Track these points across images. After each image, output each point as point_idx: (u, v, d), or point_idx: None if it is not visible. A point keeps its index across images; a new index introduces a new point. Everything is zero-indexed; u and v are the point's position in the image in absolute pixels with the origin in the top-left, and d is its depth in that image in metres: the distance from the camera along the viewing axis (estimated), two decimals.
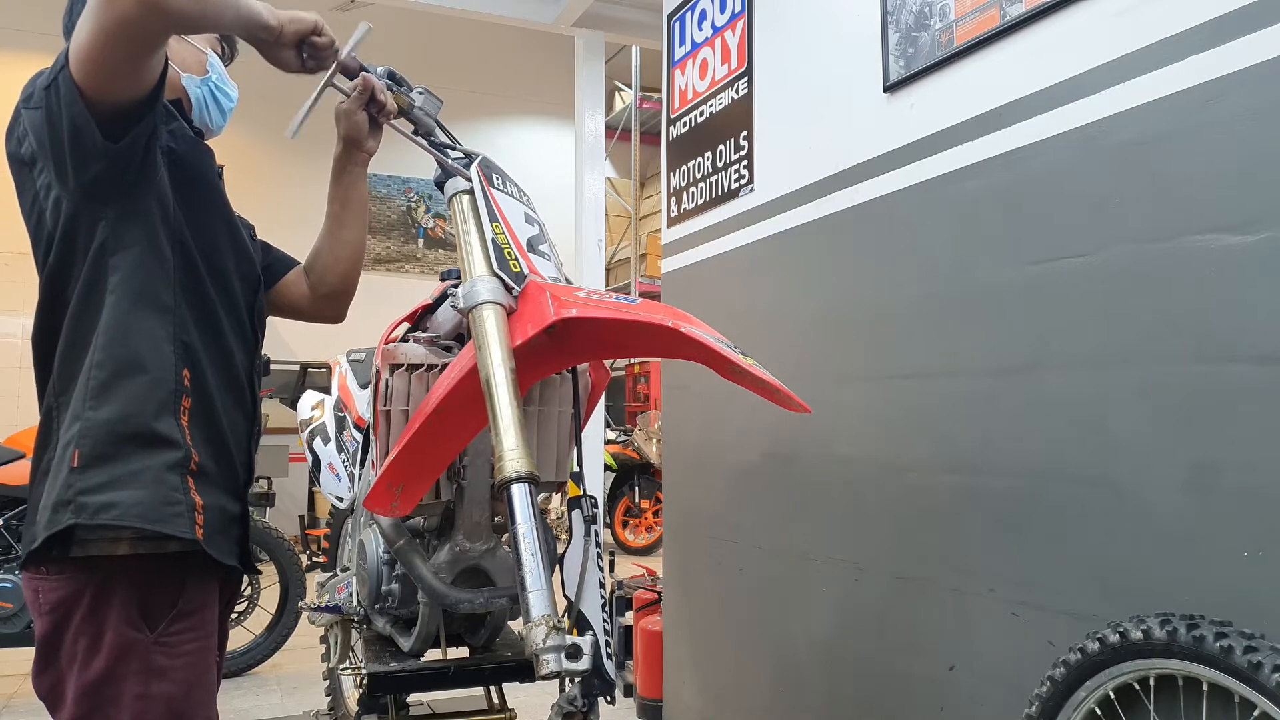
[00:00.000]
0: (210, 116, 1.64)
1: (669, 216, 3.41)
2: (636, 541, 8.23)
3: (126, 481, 1.33)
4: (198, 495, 1.39)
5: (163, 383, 1.39)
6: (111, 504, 1.31)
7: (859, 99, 2.42)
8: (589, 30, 5.17)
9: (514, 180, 1.83)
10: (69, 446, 1.34)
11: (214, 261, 1.52)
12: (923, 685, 2.14)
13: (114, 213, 1.39)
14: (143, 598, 1.35)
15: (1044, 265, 1.88)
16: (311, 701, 3.84)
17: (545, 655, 1.27)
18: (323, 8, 2.06)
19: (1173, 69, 1.64)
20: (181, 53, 1.59)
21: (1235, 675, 1.35)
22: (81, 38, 1.28)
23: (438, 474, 1.82)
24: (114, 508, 1.31)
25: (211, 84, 1.63)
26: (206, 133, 1.66)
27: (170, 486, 1.36)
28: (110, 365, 1.36)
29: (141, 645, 1.34)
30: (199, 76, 1.62)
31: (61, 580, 1.34)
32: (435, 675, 2.08)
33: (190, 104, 1.62)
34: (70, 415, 1.36)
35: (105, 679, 1.32)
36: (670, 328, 1.49)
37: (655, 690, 3.49)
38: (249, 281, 1.63)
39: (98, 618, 1.33)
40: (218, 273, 1.53)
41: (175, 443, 1.38)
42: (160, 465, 1.36)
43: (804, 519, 2.59)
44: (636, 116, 9.11)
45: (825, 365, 2.52)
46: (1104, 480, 1.74)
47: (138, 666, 1.33)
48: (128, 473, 1.34)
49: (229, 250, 1.57)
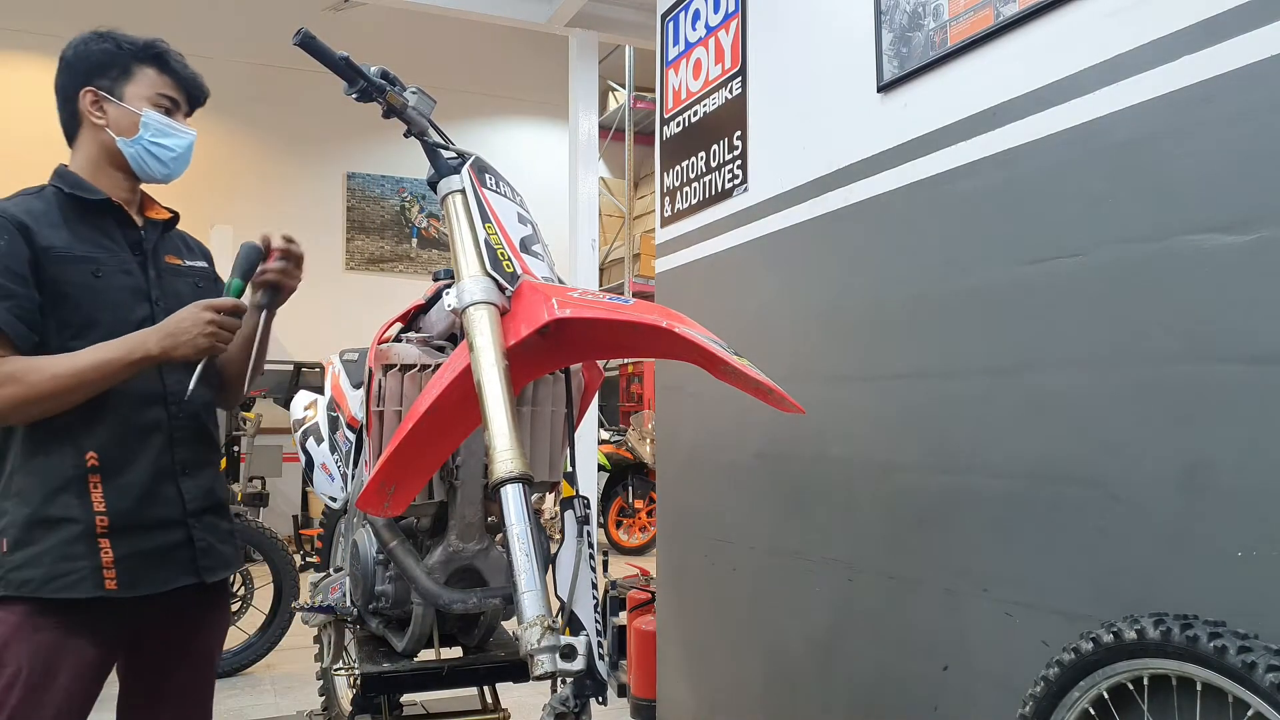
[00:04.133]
0: (149, 168, 1.78)
1: (663, 216, 3.41)
2: (630, 541, 8.23)
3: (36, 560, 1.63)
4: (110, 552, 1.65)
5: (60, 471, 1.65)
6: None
7: (853, 99, 2.42)
8: (582, 30, 5.16)
9: (507, 180, 1.82)
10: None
11: (76, 338, 1.66)
12: (916, 685, 2.14)
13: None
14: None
15: (1037, 265, 1.88)
16: (305, 701, 3.83)
17: (540, 656, 1.27)
18: (316, 8, 2.08)
19: (1166, 69, 1.64)
20: (114, 116, 1.75)
21: (1229, 675, 1.35)
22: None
23: (430, 474, 1.82)
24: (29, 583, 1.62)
25: (144, 142, 1.76)
26: (152, 181, 1.81)
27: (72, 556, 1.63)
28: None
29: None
30: (130, 137, 1.75)
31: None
32: (429, 675, 2.08)
33: (128, 161, 1.77)
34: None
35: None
36: (664, 328, 1.49)
37: (649, 690, 3.49)
38: (120, 305, 1.72)
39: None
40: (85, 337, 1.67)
41: (74, 519, 1.64)
42: (60, 540, 1.62)
43: (797, 519, 2.59)
44: (630, 116, 9.10)
45: (819, 365, 2.52)
46: (1098, 480, 1.74)
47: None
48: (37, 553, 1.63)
49: (91, 309, 1.69)
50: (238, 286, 1.66)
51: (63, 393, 1.57)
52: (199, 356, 1.62)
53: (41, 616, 1.61)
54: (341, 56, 1.74)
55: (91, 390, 1.60)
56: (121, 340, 1.60)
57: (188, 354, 1.61)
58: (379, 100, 1.77)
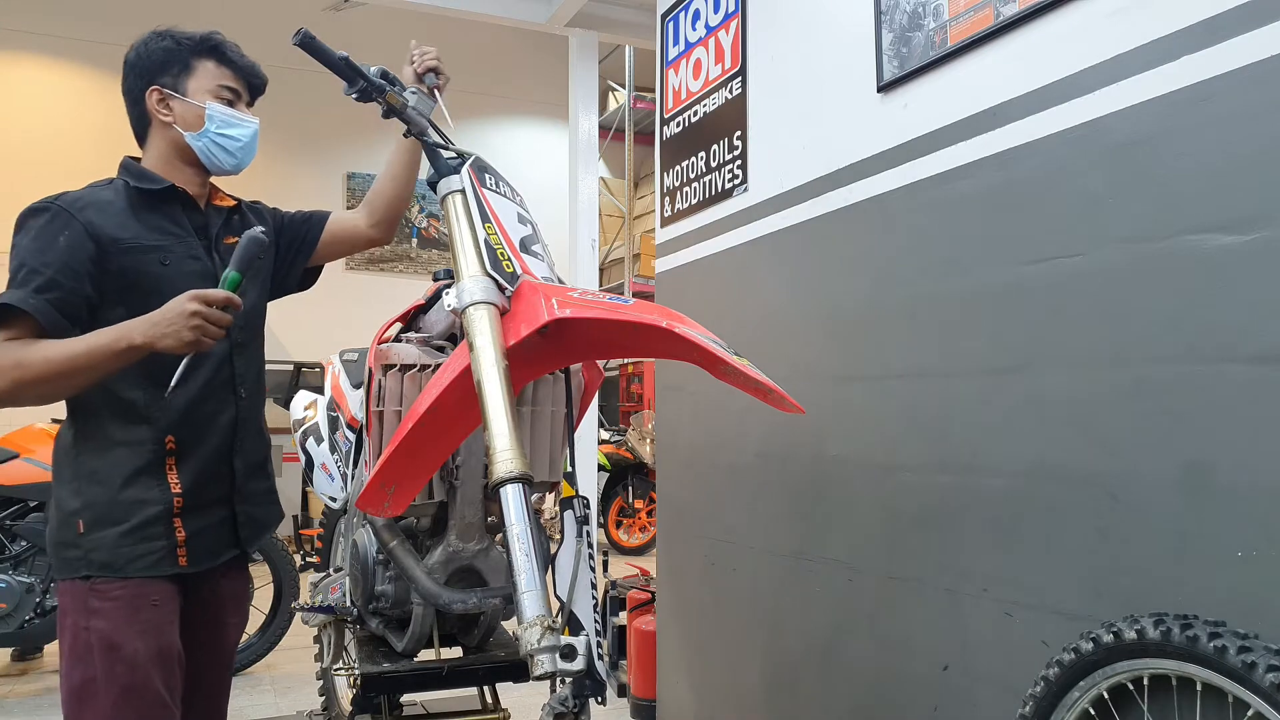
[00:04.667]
0: (218, 160, 1.81)
1: (663, 216, 3.41)
2: (630, 541, 8.22)
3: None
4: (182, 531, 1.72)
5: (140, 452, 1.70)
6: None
7: (853, 99, 2.42)
8: (582, 30, 5.15)
9: (507, 180, 1.83)
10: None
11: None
12: (916, 685, 2.14)
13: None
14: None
15: (1037, 265, 1.88)
16: (305, 702, 3.83)
17: (540, 656, 1.27)
18: (316, 8, 2.07)
19: (1166, 69, 1.64)
20: (181, 112, 1.78)
21: (1229, 675, 1.35)
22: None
23: (430, 474, 1.82)
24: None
25: (210, 135, 1.79)
26: (222, 172, 1.85)
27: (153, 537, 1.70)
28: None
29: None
30: (197, 131, 1.78)
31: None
32: (429, 675, 2.08)
33: (197, 155, 1.80)
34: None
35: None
36: (664, 328, 1.49)
37: (649, 690, 3.49)
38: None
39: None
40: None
41: (153, 500, 1.70)
42: (141, 521, 1.68)
43: (797, 519, 2.59)
44: (630, 116, 9.09)
45: (818, 365, 2.52)
46: (1098, 480, 1.74)
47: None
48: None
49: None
50: (234, 279, 1.64)
51: (55, 377, 1.56)
52: (183, 351, 1.58)
53: (122, 594, 1.65)
54: (341, 56, 1.74)
55: (84, 377, 1.58)
56: (111, 329, 1.59)
57: (171, 346, 1.57)
58: (379, 100, 1.77)
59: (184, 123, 1.78)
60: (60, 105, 8.35)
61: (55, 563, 1.70)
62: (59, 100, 8.36)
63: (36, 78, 8.31)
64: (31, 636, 4.04)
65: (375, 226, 2.11)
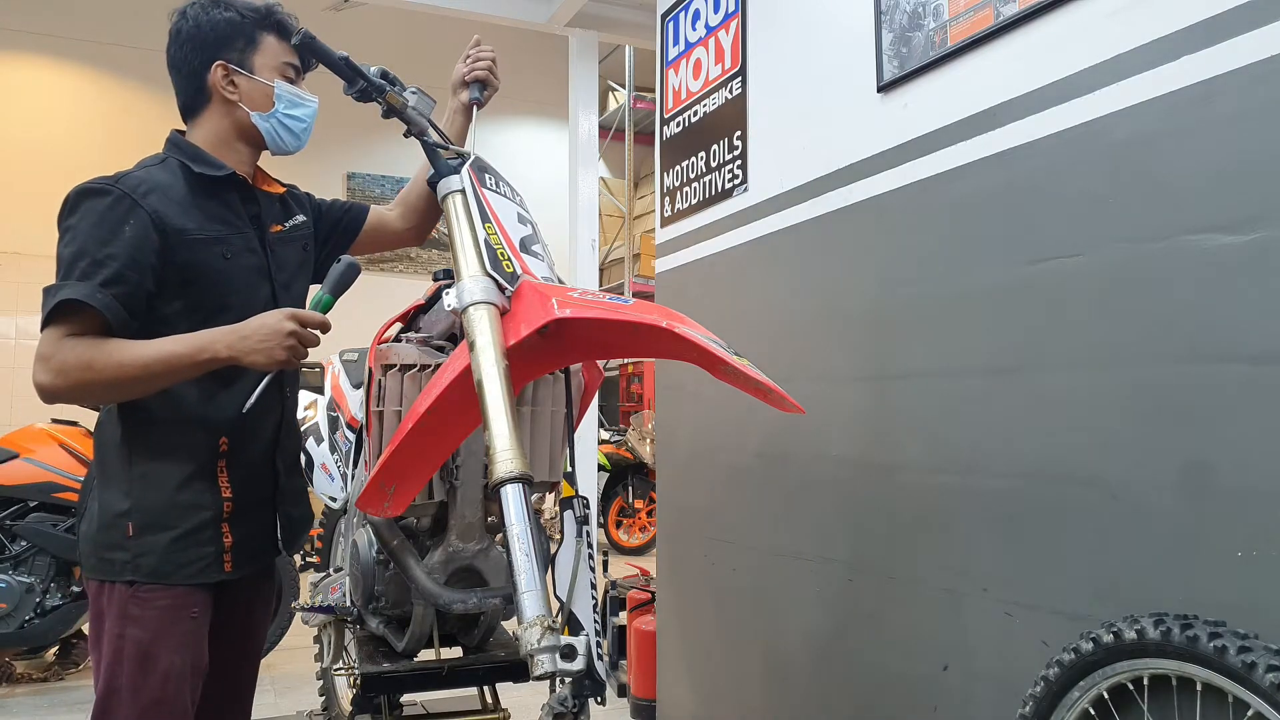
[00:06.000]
0: (283, 141, 1.76)
1: (663, 216, 3.41)
2: (630, 541, 8.22)
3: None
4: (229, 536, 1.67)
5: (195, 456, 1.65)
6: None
7: (853, 99, 2.42)
8: (582, 30, 5.16)
9: (507, 180, 1.83)
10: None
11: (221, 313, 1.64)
12: (916, 685, 2.14)
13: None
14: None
15: (1037, 265, 1.88)
16: (305, 701, 3.83)
17: (540, 656, 1.27)
18: (316, 8, 2.06)
19: (1166, 69, 1.64)
20: (248, 90, 1.70)
21: (1229, 675, 1.35)
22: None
23: (430, 474, 1.82)
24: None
25: (279, 115, 1.73)
26: (284, 153, 1.78)
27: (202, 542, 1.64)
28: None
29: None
30: (265, 111, 1.72)
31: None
32: (429, 675, 2.08)
33: (262, 136, 1.74)
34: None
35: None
36: (664, 328, 1.49)
37: (649, 690, 3.49)
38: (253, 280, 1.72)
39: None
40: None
41: (204, 505, 1.65)
42: (193, 526, 1.63)
43: (797, 519, 2.59)
44: (630, 116, 9.09)
45: (819, 365, 2.52)
46: (1098, 480, 1.74)
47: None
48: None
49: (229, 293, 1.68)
50: (327, 302, 1.62)
51: (128, 382, 1.51)
52: (271, 368, 1.55)
53: (164, 604, 1.60)
54: (341, 56, 1.74)
55: (156, 383, 1.54)
56: (189, 338, 1.54)
57: (259, 362, 1.53)
58: (379, 100, 1.77)
59: (250, 101, 1.70)
60: (60, 105, 8.35)
61: (94, 563, 1.61)
62: (59, 100, 8.36)
63: (36, 78, 8.30)
64: (31, 636, 4.04)
65: (409, 227, 2.07)
